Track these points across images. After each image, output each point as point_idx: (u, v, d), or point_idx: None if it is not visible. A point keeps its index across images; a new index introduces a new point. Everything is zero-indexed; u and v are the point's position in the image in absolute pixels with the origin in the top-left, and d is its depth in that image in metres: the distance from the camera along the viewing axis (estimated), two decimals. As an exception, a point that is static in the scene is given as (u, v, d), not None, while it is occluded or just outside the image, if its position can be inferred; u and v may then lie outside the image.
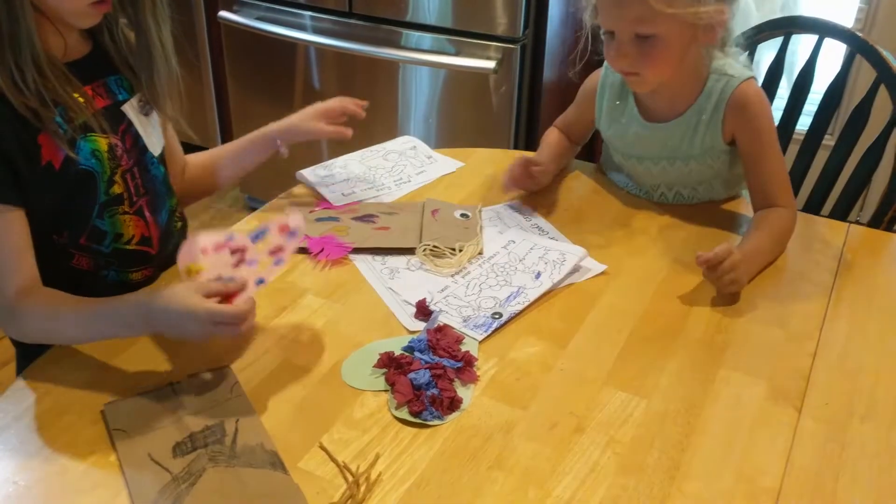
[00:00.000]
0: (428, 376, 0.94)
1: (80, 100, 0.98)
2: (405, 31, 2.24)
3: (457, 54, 2.18)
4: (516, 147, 2.26)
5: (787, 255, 1.23)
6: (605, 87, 1.35)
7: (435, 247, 1.20)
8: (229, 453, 0.85)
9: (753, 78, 1.26)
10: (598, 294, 1.13)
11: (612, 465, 0.87)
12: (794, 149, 1.62)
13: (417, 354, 0.98)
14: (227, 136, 2.77)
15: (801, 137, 1.60)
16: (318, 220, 1.28)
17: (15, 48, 0.90)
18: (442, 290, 1.13)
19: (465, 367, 0.97)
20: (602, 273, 1.17)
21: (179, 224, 1.19)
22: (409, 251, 1.20)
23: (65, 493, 0.82)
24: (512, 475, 0.85)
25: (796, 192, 1.63)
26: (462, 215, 1.28)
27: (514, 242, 1.22)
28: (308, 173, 1.41)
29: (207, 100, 2.76)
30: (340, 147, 1.50)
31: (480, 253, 1.21)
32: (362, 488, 0.82)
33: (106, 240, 1.06)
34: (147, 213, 1.10)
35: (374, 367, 0.98)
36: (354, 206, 1.32)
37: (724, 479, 0.86)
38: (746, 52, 1.31)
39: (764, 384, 0.98)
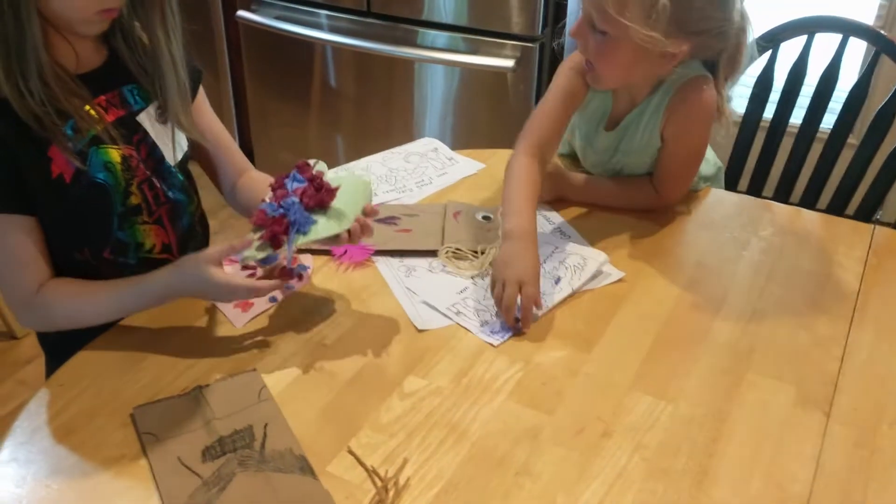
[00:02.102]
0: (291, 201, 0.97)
1: (91, 112, 0.98)
2: (422, 30, 2.24)
3: (474, 53, 2.18)
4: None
5: (812, 257, 1.23)
6: None
7: (457, 249, 1.21)
8: (259, 458, 0.86)
9: (708, 78, 1.23)
10: (622, 298, 1.13)
11: (640, 471, 0.87)
12: (817, 148, 1.61)
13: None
14: (245, 135, 2.78)
15: (825, 136, 1.60)
16: None
17: (21, 59, 0.90)
18: (461, 292, 1.13)
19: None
20: (620, 280, 1.16)
21: (199, 229, 1.19)
22: (431, 253, 1.21)
23: (96, 496, 0.83)
24: (539, 480, 0.85)
25: (818, 193, 1.63)
26: (484, 217, 1.28)
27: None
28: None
29: (225, 99, 2.76)
30: (359, 149, 1.50)
31: None
32: (391, 493, 0.82)
33: (129, 251, 1.07)
34: (166, 222, 1.10)
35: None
36: (376, 208, 1.32)
37: (752, 485, 0.86)
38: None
39: (791, 389, 0.98)
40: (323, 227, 0.98)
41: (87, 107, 0.98)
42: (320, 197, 0.98)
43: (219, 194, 1.24)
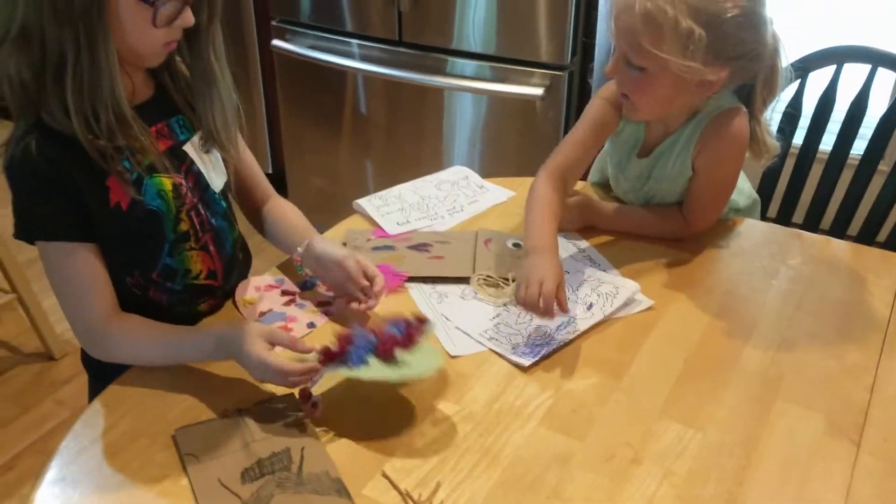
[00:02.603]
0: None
1: (147, 142, 1.02)
2: (452, 59, 2.28)
3: (503, 81, 2.22)
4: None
5: (842, 286, 1.23)
6: None
7: (488, 276, 1.23)
8: (296, 480, 0.88)
9: (741, 110, 1.25)
10: (652, 326, 1.14)
11: (670, 498, 0.88)
12: (847, 175, 1.62)
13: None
14: (278, 163, 2.84)
15: (855, 163, 1.60)
16: (375, 248, 1.31)
17: (94, 95, 0.94)
18: (493, 318, 1.15)
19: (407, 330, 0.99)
20: (649, 308, 1.18)
21: (241, 255, 1.22)
22: (464, 280, 1.23)
23: (140, 515, 0.86)
24: (570, 506, 0.87)
25: (848, 220, 1.63)
26: (514, 245, 1.30)
27: (568, 273, 1.24)
28: (364, 203, 1.44)
29: (259, 127, 2.83)
30: (389, 176, 1.54)
31: None
32: (425, 516, 0.84)
33: (177, 277, 1.10)
34: (212, 248, 1.14)
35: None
36: (409, 235, 1.35)
37: (781, 514, 0.86)
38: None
39: (821, 418, 0.98)
40: (373, 370, 0.96)
41: (143, 136, 1.01)
42: (392, 350, 0.97)
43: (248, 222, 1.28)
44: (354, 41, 2.42)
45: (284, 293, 1.18)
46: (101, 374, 1.06)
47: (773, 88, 1.23)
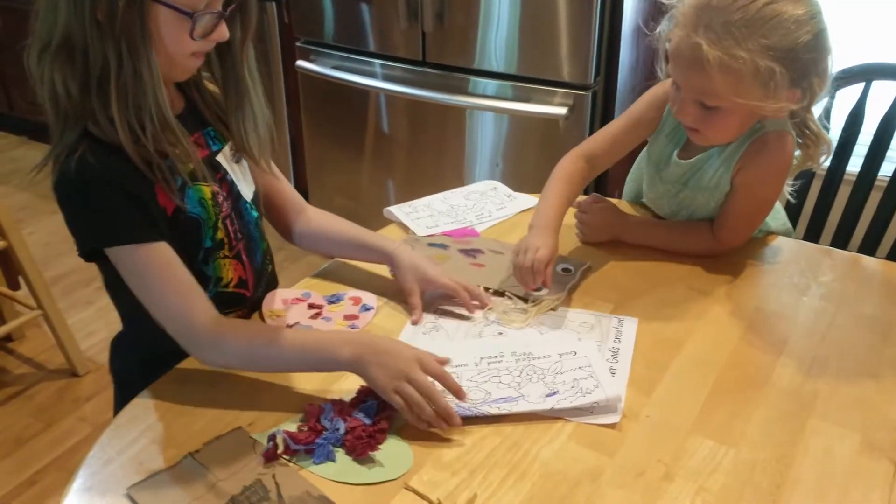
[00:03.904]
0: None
1: (189, 148, 1.02)
2: (474, 79, 2.30)
3: (527, 100, 2.22)
4: (585, 192, 2.28)
5: (874, 303, 1.22)
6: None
7: (510, 294, 1.22)
8: None
9: (789, 133, 1.23)
10: (681, 343, 1.13)
11: (703, 515, 0.86)
12: (875, 196, 1.60)
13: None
14: (300, 182, 2.86)
15: (884, 185, 1.59)
16: (430, 245, 1.33)
17: (139, 105, 0.95)
18: (458, 366, 1.06)
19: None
20: (683, 318, 1.16)
21: (270, 267, 1.23)
22: (493, 292, 1.23)
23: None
24: (601, 522, 0.85)
25: (877, 241, 1.61)
26: (564, 270, 1.27)
27: (574, 354, 1.08)
28: (395, 210, 1.46)
29: (283, 145, 2.85)
30: (411, 195, 1.55)
31: (554, 309, 1.19)
32: (454, 529, 0.83)
33: (209, 284, 1.11)
34: (244, 257, 1.14)
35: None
36: (469, 238, 1.36)
37: (819, 533, 0.85)
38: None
39: (856, 436, 0.96)
40: (334, 471, 0.91)
41: (187, 144, 1.02)
42: (357, 446, 0.93)
43: (276, 237, 1.28)
44: (377, 61, 2.44)
45: (311, 306, 1.18)
46: (128, 383, 1.06)
47: (824, 83, 1.17)
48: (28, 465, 1.99)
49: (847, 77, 1.55)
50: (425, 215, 1.44)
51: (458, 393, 0.97)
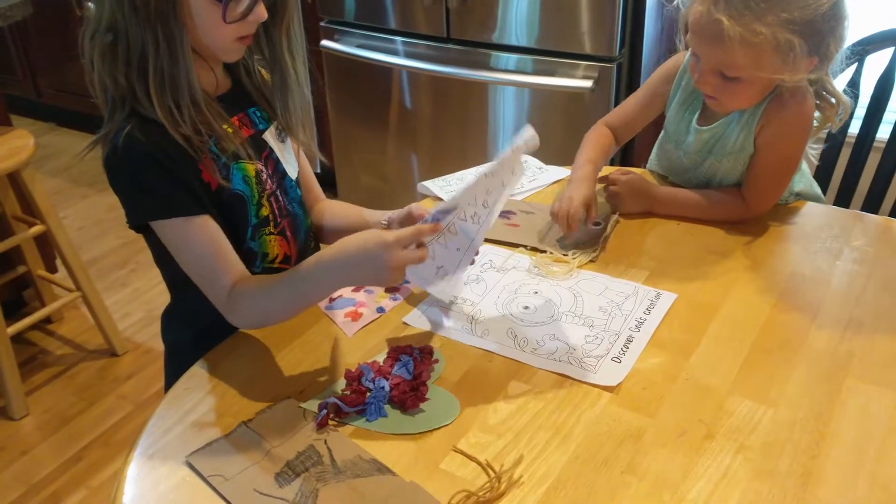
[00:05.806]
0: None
1: (230, 130, 1.06)
2: (497, 54, 2.30)
3: (552, 74, 2.23)
4: (611, 164, 2.29)
5: (908, 266, 1.23)
6: (685, 71, 1.36)
7: (550, 251, 1.26)
8: (334, 470, 0.88)
9: (807, 88, 1.25)
10: (717, 308, 1.15)
11: (745, 471, 0.88)
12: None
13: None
14: (326, 161, 2.88)
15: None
16: None
17: (175, 87, 0.99)
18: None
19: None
20: (718, 284, 1.18)
21: (313, 244, 1.26)
22: (531, 249, 1.28)
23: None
24: (645, 480, 0.88)
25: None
26: (594, 224, 1.31)
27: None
28: (429, 184, 1.49)
29: (308, 126, 2.87)
30: (435, 171, 1.58)
31: (592, 261, 1.25)
32: (503, 484, 0.86)
33: (256, 261, 1.14)
34: (289, 234, 1.17)
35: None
36: None
37: (858, 487, 0.87)
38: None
39: (893, 395, 0.98)
40: (389, 425, 0.96)
41: (227, 126, 1.06)
42: (406, 399, 0.98)
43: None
44: (400, 39, 2.46)
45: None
46: (180, 353, 1.09)
47: (840, 42, 1.19)
48: (74, 443, 2.05)
49: (875, 42, 1.55)
50: (458, 188, 1.46)
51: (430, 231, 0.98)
